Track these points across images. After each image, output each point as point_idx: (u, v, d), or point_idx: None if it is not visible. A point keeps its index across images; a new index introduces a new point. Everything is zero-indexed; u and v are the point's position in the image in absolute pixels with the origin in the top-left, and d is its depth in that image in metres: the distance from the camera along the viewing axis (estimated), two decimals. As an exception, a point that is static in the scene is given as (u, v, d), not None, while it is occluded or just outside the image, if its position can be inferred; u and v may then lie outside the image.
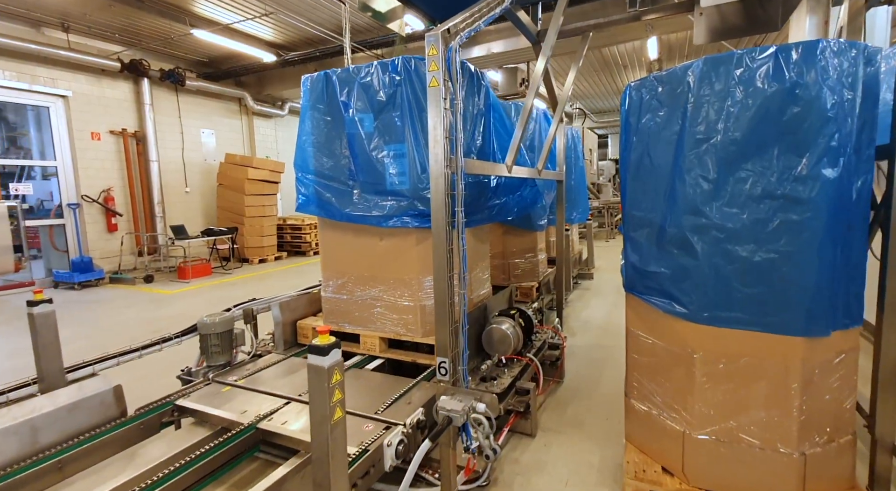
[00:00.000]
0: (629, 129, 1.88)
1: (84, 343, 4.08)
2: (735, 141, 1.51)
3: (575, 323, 4.29)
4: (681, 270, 1.65)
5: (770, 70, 1.45)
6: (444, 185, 1.58)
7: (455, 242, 1.65)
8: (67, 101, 7.13)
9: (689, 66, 1.59)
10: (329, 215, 2.64)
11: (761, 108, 1.46)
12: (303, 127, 2.73)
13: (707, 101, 1.55)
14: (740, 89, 1.49)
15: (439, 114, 1.57)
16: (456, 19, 1.69)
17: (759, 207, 1.50)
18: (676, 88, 1.65)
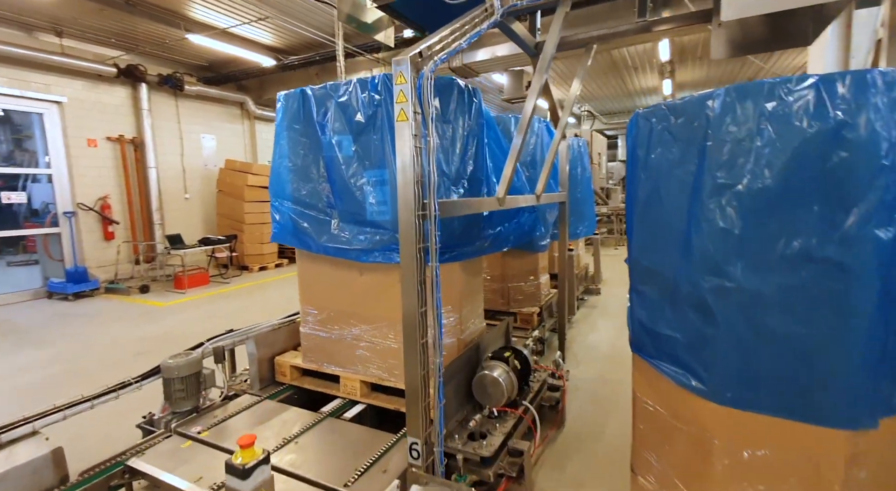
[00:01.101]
0: (636, 162, 1.62)
1: (59, 368, 3.91)
2: (765, 190, 1.24)
3: (579, 349, 4.03)
4: (698, 338, 1.39)
5: (810, 105, 1.18)
6: (413, 236, 1.34)
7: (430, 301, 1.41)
8: (62, 108, 7.00)
9: (709, 96, 1.33)
10: (305, 247, 2.42)
11: (799, 151, 1.20)
12: (278, 148, 2.51)
13: (730, 140, 1.29)
14: (772, 127, 1.23)
15: (409, 152, 1.33)
16: (431, 39, 1.44)
17: (794, 271, 1.23)
18: (693, 121, 1.38)
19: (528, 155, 3.55)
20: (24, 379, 3.69)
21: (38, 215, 7.21)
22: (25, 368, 3.94)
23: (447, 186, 2.22)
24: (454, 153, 2.29)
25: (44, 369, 3.89)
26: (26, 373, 3.82)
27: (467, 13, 1.81)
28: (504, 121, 3.47)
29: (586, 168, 5.53)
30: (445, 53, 1.49)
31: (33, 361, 4.11)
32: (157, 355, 4.18)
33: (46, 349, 4.41)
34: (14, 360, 4.16)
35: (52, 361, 4.09)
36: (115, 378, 3.69)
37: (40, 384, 3.59)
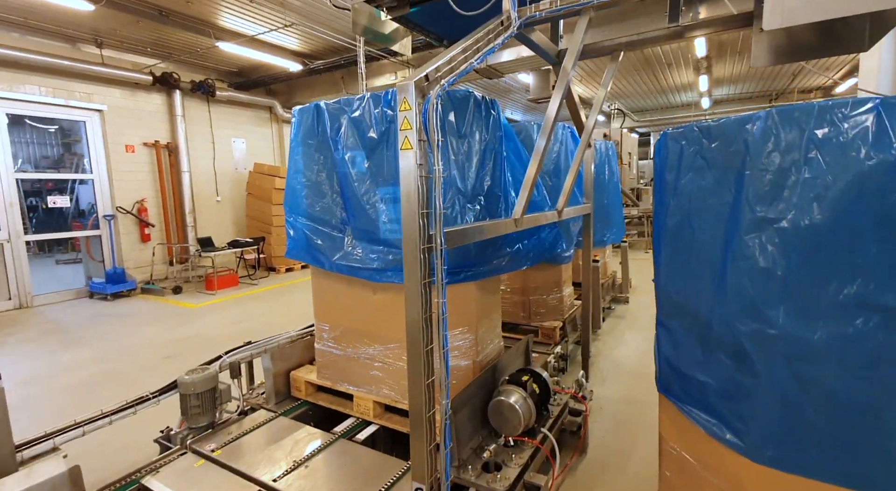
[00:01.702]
0: (665, 187, 1.48)
1: (95, 369, 4.08)
2: (813, 227, 1.09)
3: (604, 364, 3.86)
4: (734, 387, 1.25)
5: (869, 132, 1.03)
6: (418, 270, 1.26)
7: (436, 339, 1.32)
8: (103, 115, 7.32)
9: (748, 119, 1.18)
10: (318, 264, 2.39)
11: (854, 184, 1.04)
12: (292, 163, 2.49)
13: (773, 169, 1.14)
14: (823, 156, 1.08)
15: (413, 182, 1.25)
16: (439, 60, 1.35)
17: (847, 319, 1.08)
18: (729, 146, 1.24)
19: (552, 163, 3.41)
20: (64, 380, 3.86)
21: (84, 216, 7.58)
22: (65, 368, 4.12)
23: (462, 204, 2.14)
24: (470, 169, 2.20)
25: (82, 370, 4.06)
26: (66, 373, 4.00)
27: (483, 26, 1.71)
28: (525, 128, 3.34)
29: (614, 172, 5.31)
30: (455, 75, 1.40)
31: (73, 360, 4.31)
32: (185, 359, 4.30)
33: (84, 350, 4.61)
34: (57, 359, 4.37)
35: (89, 362, 4.26)
36: (145, 381, 3.84)
37: (77, 385, 3.74)
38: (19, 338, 5.16)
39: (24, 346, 4.83)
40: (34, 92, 6.54)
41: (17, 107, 6.48)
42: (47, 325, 5.67)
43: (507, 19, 1.79)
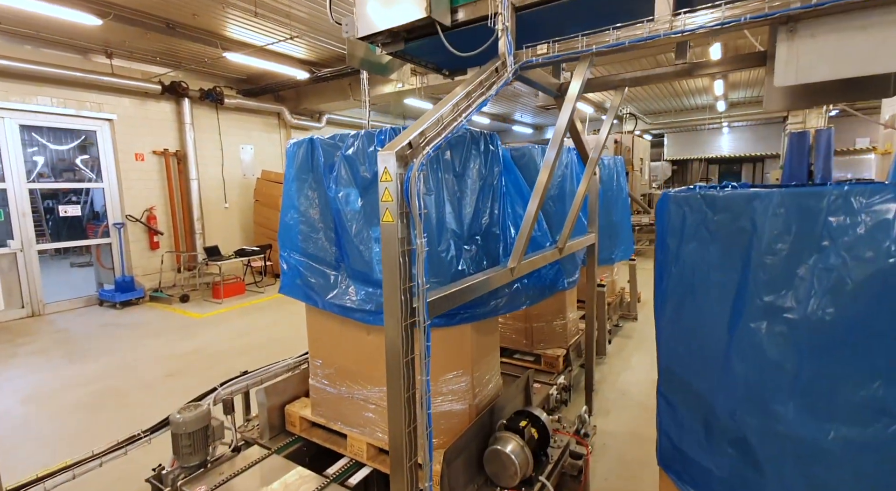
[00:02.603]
0: (666, 250, 1.39)
1: (98, 386, 4.11)
2: (827, 322, 0.99)
3: (609, 393, 3.75)
4: (738, 480, 1.16)
5: (890, 224, 0.92)
6: (400, 348, 1.19)
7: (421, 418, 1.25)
8: (113, 125, 7.39)
9: (755, 196, 1.09)
10: (312, 302, 2.33)
11: (874, 281, 0.94)
12: (287, 197, 2.43)
13: (783, 255, 1.05)
14: (837, 247, 0.98)
15: (395, 256, 1.18)
16: (424, 124, 1.28)
17: (864, 424, 0.98)
18: (735, 221, 1.15)
19: (556, 187, 3.30)
20: (66, 399, 3.89)
21: (98, 218, 7.66)
22: (69, 384, 4.16)
23: (458, 246, 2.06)
24: (467, 209, 2.12)
25: (85, 387, 4.09)
26: (69, 391, 4.03)
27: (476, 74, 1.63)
28: (528, 152, 3.24)
29: (622, 188, 5.17)
30: (443, 138, 1.32)
31: (77, 375, 4.35)
32: (186, 377, 4.31)
33: (89, 365, 4.64)
34: (62, 374, 4.41)
35: (92, 378, 4.29)
36: (145, 402, 3.85)
37: (79, 405, 3.76)
38: (29, 349, 5.23)
39: (33, 358, 4.89)
40: (46, 103, 6.63)
41: (30, 118, 6.57)
42: (56, 335, 5.75)
43: (502, 65, 1.70)
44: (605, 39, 1.54)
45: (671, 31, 1.40)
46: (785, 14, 1.23)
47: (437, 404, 2.19)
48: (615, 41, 1.52)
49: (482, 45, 1.99)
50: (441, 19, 1.81)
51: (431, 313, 1.28)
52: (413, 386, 1.23)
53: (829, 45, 1.22)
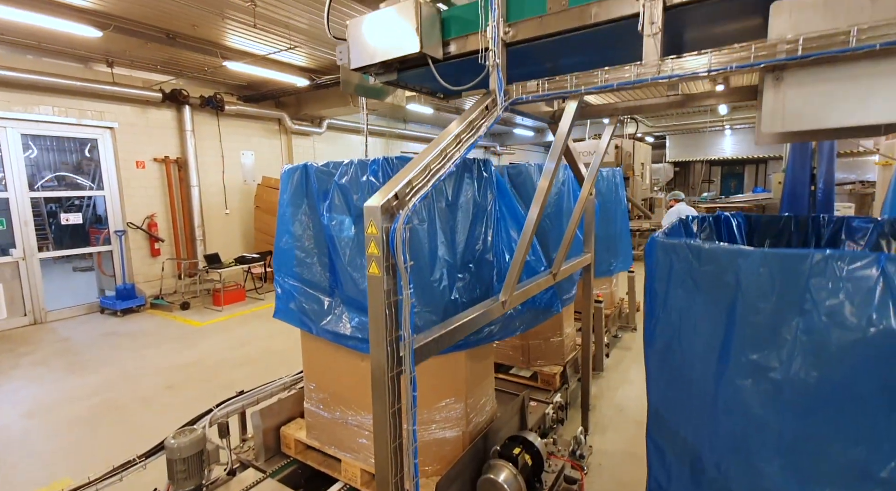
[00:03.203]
0: (654, 294, 1.39)
1: (96, 400, 4.15)
2: (811, 384, 1.00)
3: (607, 409, 3.75)
4: (721, 534, 1.16)
5: (872, 292, 0.92)
6: (387, 400, 1.20)
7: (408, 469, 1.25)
8: (114, 133, 7.42)
9: (740, 254, 1.09)
10: (306, 328, 2.34)
11: (857, 348, 0.94)
12: (281, 223, 2.44)
13: (766, 314, 1.05)
14: (820, 311, 0.98)
15: (381, 309, 1.18)
16: (410, 173, 1.28)
17: (851, 488, 0.98)
18: (720, 275, 1.15)
19: (552, 205, 3.29)
20: (65, 412, 3.92)
21: (101, 222, 7.68)
22: (68, 397, 4.19)
23: (451, 276, 2.07)
24: (460, 237, 2.13)
25: (84, 401, 4.12)
26: (68, 405, 4.05)
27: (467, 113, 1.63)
28: (525, 171, 3.23)
29: (621, 200, 5.16)
30: (430, 186, 1.32)
31: (77, 388, 4.38)
32: (185, 389, 4.33)
33: (89, 377, 4.67)
34: (62, 386, 4.44)
35: (92, 390, 4.32)
36: (144, 416, 3.87)
37: (78, 420, 3.79)
38: (31, 360, 5.26)
39: (34, 370, 4.92)
40: (48, 112, 6.66)
41: (32, 127, 6.61)
42: (58, 344, 5.78)
43: (492, 103, 1.70)
44: (593, 80, 1.54)
45: (658, 76, 1.40)
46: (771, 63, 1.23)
47: (430, 432, 2.19)
48: (604, 83, 1.52)
49: (475, 74, 1.99)
50: (432, 53, 1.81)
51: (419, 359, 1.28)
52: (400, 436, 1.23)
53: (816, 95, 1.22)
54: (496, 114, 1.68)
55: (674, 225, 1.84)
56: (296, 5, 5.24)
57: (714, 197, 21.57)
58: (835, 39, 1.16)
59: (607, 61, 1.87)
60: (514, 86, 1.73)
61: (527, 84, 1.69)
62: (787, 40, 1.21)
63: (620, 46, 1.75)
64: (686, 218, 1.90)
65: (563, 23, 1.57)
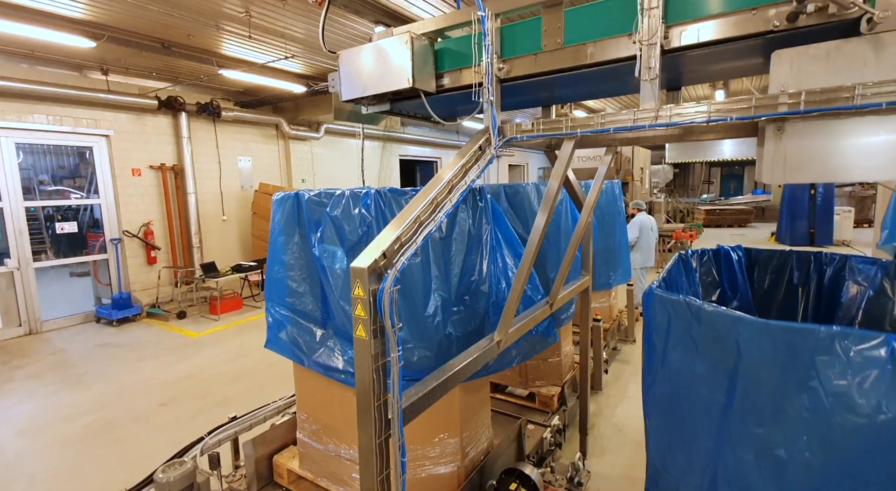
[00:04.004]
0: (653, 348, 1.35)
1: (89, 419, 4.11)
2: (816, 467, 0.95)
3: (605, 429, 3.71)
4: None
5: (882, 375, 0.88)
6: (374, 468, 1.16)
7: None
8: (109, 140, 7.36)
9: (740, 321, 1.05)
10: (297, 360, 2.30)
11: (865, 433, 0.90)
12: (273, 250, 2.40)
13: (769, 386, 1.01)
14: (825, 389, 0.94)
15: (369, 372, 1.14)
16: (399, 228, 1.24)
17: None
18: (721, 340, 1.11)
19: (550, 224, 3.26)
20: (58, 432, 3.88)
21: (97, 226, 7.63)
22: (62, 415, 4.15)
23: (446, 310, 2.03)
24: (454, 270, 2.09)
25: (77, 420, 4.08)
26: (61, 423, 4.02)
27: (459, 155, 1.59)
28: (522, 191, 3.19)
29: (620, 212, 5.12)
30: (419, 245, 1.28)
31: (71, 404, 4.34)
32: (179, 406, 4.28)
33: (82, 393, 4.63)
34: (56, 402, 4.41)
35: (85, 407, 4.28)
36: (137, 436, 3.83)
37: (71, 439, 3.75)
38: (25, 373, 5.22)
39: (29, 384, 4.88)
40: (42, 121, 6.60)
41: (26, 136, 6.56)
42: (53, 357, 5.74)
43: (486, 142, 1.66)
44: (590, 123, 1.50)
45: (656, 123, 1.36)
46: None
47: (423, 468, 2.15)
48: (600, 127, 1.48)
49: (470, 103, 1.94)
50: (425, 87, 1.77)
51: (409, 417, 1.24)
52: (388, 501, 1.19)
53: (818, 149, 1.18)
54: (490, 154, 1.64)
55: (674, 263, 1.80)
56: (291, 15, 5.19)
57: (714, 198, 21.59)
58: (838, 95, 1.12)
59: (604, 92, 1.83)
60: (509, 125, 1.69)
61: (522, 124, 1.65)
62: (788, 93, 1.16)
63: (617, 79, 1.70)
64: (685, 254, 1.86)
65: (557, 61, 1.53)
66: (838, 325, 1.75)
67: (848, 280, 1.70)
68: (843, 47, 1.13)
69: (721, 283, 1.92)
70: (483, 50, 1.63)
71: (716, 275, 1.92)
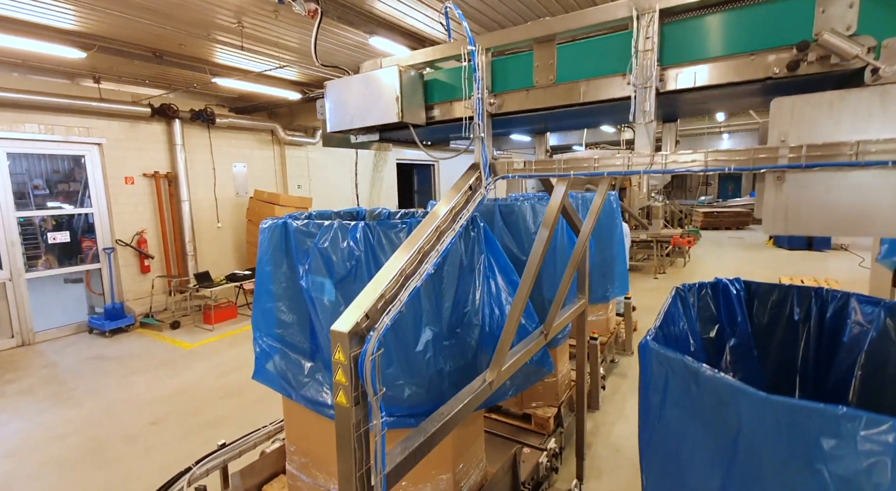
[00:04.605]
0: (649, 403, 1.30)
1: (77, 439, 4.04)
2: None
3: (602, 450, 3.66)
4: None
5: (888, 464, 0.83)
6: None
7: None
8: (102, 148, 7.29)
9: (741, 393, 0.99)
10: (285, 393, 2.24)
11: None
12: (260, 279, 2.34)
13: (772, 464, 0.96)
14: (833, 476, 0.88)
15: (350, 441, 1.09)
16: (381, 285, 1.18)
17: None
18: (721, 408, 1.05)
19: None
20: (48, 453, 3.82)
21: (92, 231, 7.52)
22: (52, 435, 4.08)
23: (437, 345, 1.97)
24: (446, 303, 2.03)
25: (67, 439, 4.01)
26: (51, 444, 3.95)
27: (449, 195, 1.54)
28: (517, 210, 3.13)
29: (617, 224, 5.07)
30: (403, 304, 1.22)
31: (61, 422, 4.28)
32: (170, 425, 4.22)
33: (73, 409, 4.57)
34: (46, 420, 4.35)
35: (76, 426, 4.21)
36: (127, 457, 3.77)
37: (60, 461, 3.69)
38: (16, 388, 5.16)
39: (20, 400, 4.81)
40: (34, 130, 6.53)
41: (17, 146, 6.48)
42: (44, 370, 5.67)
43: (476, 181, 1.61)
44: (583, 165, 1.45)
45: (651, 169, 1.31)
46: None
47: (414, 506, 2.10)
48: (594, 170, 1.43)
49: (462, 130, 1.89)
50: (414, 121, 1.72)
51: (393, 482, 1.19)
52: None
53: (820, 202, 1.13)
54: (481, 194, 1.59)
55: (671, 299, 1.74)
56: (285, 26, 5.12)
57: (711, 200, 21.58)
58: (841, 150, 1.06)
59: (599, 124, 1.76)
60: (501, 163, 1.63)
61: (513, 163, 1.59)
62: (790, 147, 1.11)
63: (613, 115, 1.65)
64: (683, 289, 1.81)
65: (549, 98, 1.48)
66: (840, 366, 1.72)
67: (850, 320, 1.65)
68: (847, 97, 1.08)
69: (720, 318, 1.87)
70: (473, 84, 1.57)
71: (714, 310, 1.88)
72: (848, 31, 1.06)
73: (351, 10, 4.62)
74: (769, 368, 1.82)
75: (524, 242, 3.13)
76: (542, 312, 2.81)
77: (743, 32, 1.19)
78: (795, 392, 1.77)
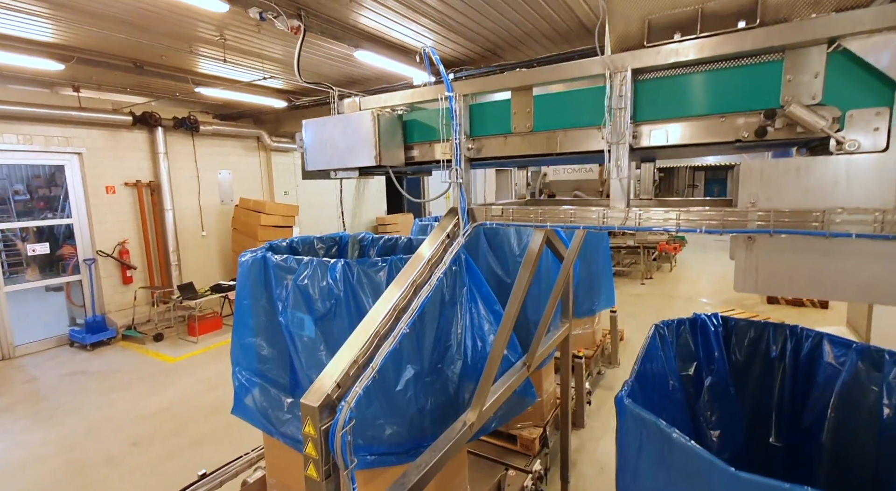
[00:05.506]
0: (625, 460, 1.31)
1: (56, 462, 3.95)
2: None
3: (588, 468, 3.69)
4: None
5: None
6: None
7: None
8: (81, 158, 7.14)
9: (713, 468, 1.00)
10: (265, 429, 2.22)
11: None
12: (238, 314, 2.31)
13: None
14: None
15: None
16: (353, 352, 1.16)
17: None
18: (693, 477, 1.06)
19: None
20: (26, 478, 3.72)
21: (73, 237, 7.33)
22: (30, 458, 3.99)
23: (418, 385, 1.96)
24: (427, 341, 2.02)
25: (46, 462, 3.93)
26: (29, 467, 3.86)
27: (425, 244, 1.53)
28: (502, 234, 3.13)
29: (603, 237, 5.11)
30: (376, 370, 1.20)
31: (41, 443, 4.19)
32: (153, 445, 4.15)
33: (53, 430, 4.47)
34: (26, 441, 4.26)
35: (55, 449, 4.12)
36: (108, 482, 3.69)
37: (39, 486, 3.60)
38: (-8, 407, 5.03)
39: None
40: (12, 141, 6.37)
41: (-8, 156, 6.32)
42: (24, 386, 5.54)
43: (454, 229, 1.60)
44: (560, 217, 1.45)
45: (625, 226, 1.31)
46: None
47: (396, 543, 2.08)
48: (570, 223, 1.43)
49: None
50: (393, 163, 1.70)
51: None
52: None
53: (789, 265, 1.15)
54: (459, 243, 1.58)
55: (651, 337, 1.75)
56: (269, 39, 5.06)
57: (697, 203, 21.91)
58: (807, 218, 1.08)
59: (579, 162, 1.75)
60: (479, 209, 1.62)
61: (492, 209, 1.59)
62: (758, 213, 1.12)
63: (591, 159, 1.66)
64: (662, 327, 1.83)
65: (526, 147, 1.47)
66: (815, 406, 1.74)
67: (823, 360, 1.68)
68: (814, 165, 1.10)
69: (697, 355, 1.89)
70: (451, 127, 1.57)
71: (692, 346, 1.89)
72: (813, 101, 1.08)
73: (335, 24, 4.58)
74: (747, 406, 1.84)
75: (509, 264, 3.13)
76: (525, 335, 2.81)
77: (714, 95, 1.20)
78: (771, 432, 1.80)
